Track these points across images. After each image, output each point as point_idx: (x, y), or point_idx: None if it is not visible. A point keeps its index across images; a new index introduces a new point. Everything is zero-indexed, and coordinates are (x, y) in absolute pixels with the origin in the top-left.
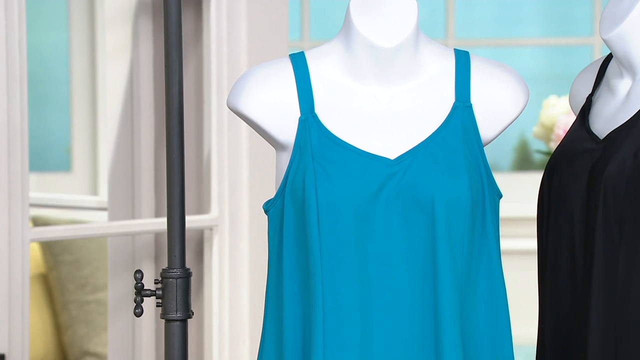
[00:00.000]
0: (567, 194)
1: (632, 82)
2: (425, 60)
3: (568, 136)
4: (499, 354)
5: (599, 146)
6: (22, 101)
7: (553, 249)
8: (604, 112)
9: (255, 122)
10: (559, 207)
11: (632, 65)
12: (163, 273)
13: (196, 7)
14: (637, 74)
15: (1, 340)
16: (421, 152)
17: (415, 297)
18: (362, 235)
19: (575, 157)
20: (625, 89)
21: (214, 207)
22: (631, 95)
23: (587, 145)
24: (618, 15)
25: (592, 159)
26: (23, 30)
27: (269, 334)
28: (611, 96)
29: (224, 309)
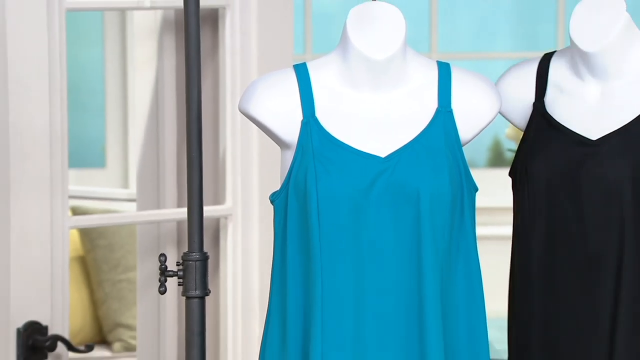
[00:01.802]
0: (554, 185)
1: (600, 87)
2: (411, 70)
3: (539, 134)
4: (474, 325)
5: (594, 148)
6: (62, 107)
7: (530, 228)
8: (575, 114)
9: (263, 124)
10: (548, 196)
11: (607, 74)
12: (184, 256)
13: (213, 25)
14: (610, 80)
15: (45, 314)
16: (408, 151)
17: (402, 277)
18: (356, 224)
19: (561, 153)
20: (595, 94)
21: (229, 198)
22: (609, 99)
23: (572, 144)
24: (601, 29)
25: (585, 157)
26: (63, 45)
27: (274, 309)
28: (576, 100)
29: (237, 287)
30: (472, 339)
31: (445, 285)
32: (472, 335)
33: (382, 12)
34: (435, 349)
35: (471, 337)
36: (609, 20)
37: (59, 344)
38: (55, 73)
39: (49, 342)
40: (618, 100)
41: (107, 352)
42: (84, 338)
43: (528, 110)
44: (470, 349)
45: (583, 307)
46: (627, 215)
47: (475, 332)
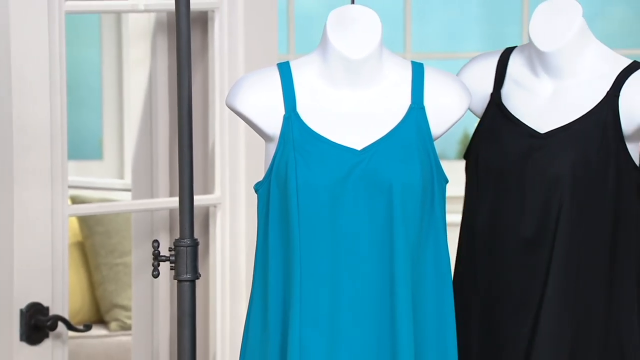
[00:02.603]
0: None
1: (553, 84)
2: (387, 69)
3: (493, 123)
4: (442, 308)
5: (542, 141)
6: (61, 103)
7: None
8: (528, 108)
9: (248, 118)
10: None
11: (561, 73)
12: (176, 242)
13: (203, 27)
14: (563, 79)
15: (45, 296)
16: (382, 145)
17: (375, 262)
18: (333, 212)
19: (510, 143)
20: (548, 90)
21: (217, 188)
22: (561, 96)
23: (522, 135)
24: (558, 31)
25: (533, 149)
26: (63, 46)
27: (256, 291)
28: (529, 94)
29: (225, 271)
30: (440, 321)
31: (416, 268)
32: (441, 317)
33: (360, 14)
34: (404, 330)
35: (439, 319)
36: (566, 23)
37: (59, 324)
38: (56, 72)
39: (50, 322)
40: (569, 98)
41: (104, 331)
42: (83, 318)
43: (486, 100)
44: (438, 331)
45: (519, 283)
46: (564, 206)
47: (444, 314)
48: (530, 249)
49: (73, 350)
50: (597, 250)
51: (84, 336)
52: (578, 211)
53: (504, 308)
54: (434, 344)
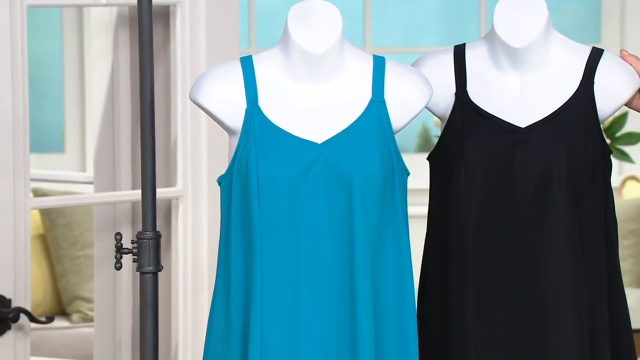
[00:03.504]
0: (489, 169)
1: (520, 78)
2: (348, 63)
3: (468, 121)
4: (402, 296)
5: (524, 135)
6: (24, 96)
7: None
8: (499, 104)
9: (210, 112)
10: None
11: (530, 67)
12: (138, 235)
13: (164, 21)
14: (531, 72)
15: (8, 288)
16: (343, 138)
17: (335, 254)
18: (294, 204)
19: (494, 140)
20: (515, 85)
21: (179, 181)
22: (531, 90)
23: (504, 131)
24: (527, 26)
25: (516, 144)
26: (24, 40)
27: (219, 284)
28: (498, 90)
29: (187, 263)
30: (400, 313)
31: (376, 260)
32: (401, 308)
33: (321, 9)
34: (364, 321)
35: (400, 311)
36: (532, 17)
37: (21, 316)
38: (17, 65)
39: (12, 314)
40: (541, 90)
41: (66, 322)
42: (45, 310)
43: (447, 98)
44: (398, 322)
45: (513, 277)
46: (558, 197)
47: (404, 306)
48: (524, 243)
49: (35, 342)
50: (596, 236)
51: (46, 328)
52: (572, 201)
53: (498, 302)
54: (394, 336)
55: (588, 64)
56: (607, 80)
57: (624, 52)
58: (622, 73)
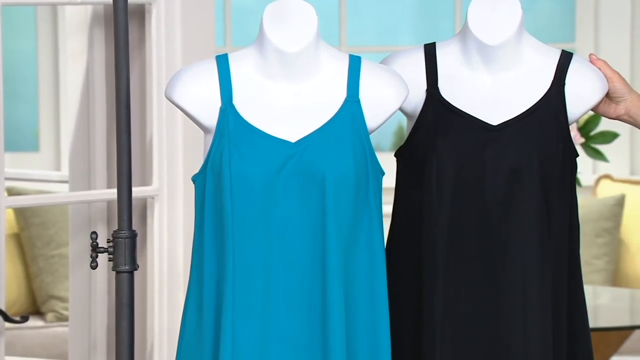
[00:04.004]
0: (461, 166)
1: (492, 77)
2: (323, 62)
3: (439, 118)
4: (374, 296)
5: (496, 133)
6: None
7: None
8: (471, 102)
9: (185, 110)
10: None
11: (502, 65)
12: (114, 234)
13: (140, 19)
14: (503, 71)
15: None
16: (316, 137)
17: (307, 253)
18: (266, 203)
19: (466, 136)
20: (487, 83)
21: (155, 180)
22: (503, 88)
23: (475, 128)
24: (502, 24)
25: (488, 141)
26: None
27: (193, 282)
28: (469, 88)
29: (163, 262)
30: (372, 313)
31: (348, 260)
32: (373, 308)
33: (296, 8)
34: (336, 321)
35: (372, 311)
36: (506, 16)
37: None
38: None
39: None
40: (512, 89)
41: (40, 322)
42: (19, 309)
43: (418, 96)
44: (370, 322)
45: (484, 273)
46: (528, 196)
47: (376, 306)
48: (494, 240)
49: (9, 341)
50: (561, 236)
51: (20, 327)
52: (542, 199)
53: (468, 296)
54: (366, 335)
55: (559, 66)
56: (578, 83)
57: (592, 56)
58: (592, 77)
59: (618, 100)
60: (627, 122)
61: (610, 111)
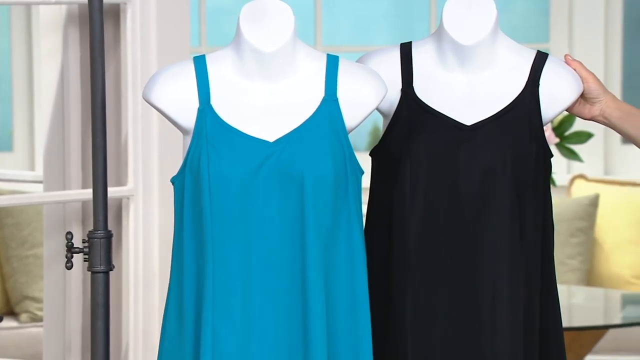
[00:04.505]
0: (434, 165)
1: (467, 77)
2: (300, 61)
3: (414, 117)
4: (354, 296)
5: (469, 133)
6: None
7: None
8: (446, 102)
9: (163, 111)
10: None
11: (477, 65)
12: (89, 234)
13: (115, 19)
14: (478, 71)
15: None
16: (295, 137)
17: (287, 253)
18: (245, 203)
19: (440, 136)
20: (462, 83)
21: (130, 180)
22: (477, 88)
23: (449, 128)
24: (477, 24)
25: (461, 141)
26: None
27: (173, 283)
28: (444, 88)
29: (138, 262)
30: (353, 312)
31: (328, 259)
32: (354, 308)
33: (273, 7)
34: (317, 321)
35: (352, 310)
36: (481, 16)
37: None
38: None
39: None
40: (487, 89)
41: (14, 322)
42: None
43: (393, 95)
44: (351, 322)
45: (457, 273)
46: (501, 196)
47: (357, 305)
48: (466, 239)
49: None
50: (534, 235)
51: None
52: (515, 199)
53: (439, 296)
54: (347, 334)
55: (533, 66)
56: (553, 83)
57: (567, 57)
58: (567, 77)
59: (593, 101)
60: (602, 123)
61: (585, 112)
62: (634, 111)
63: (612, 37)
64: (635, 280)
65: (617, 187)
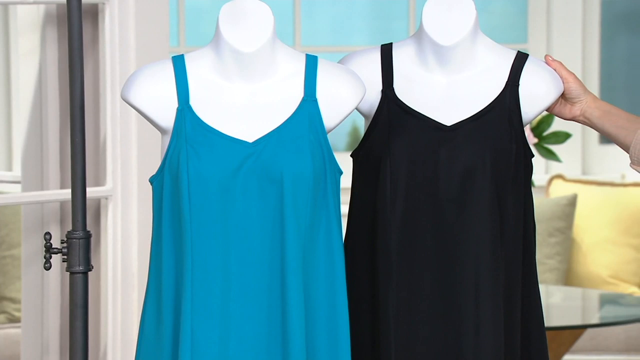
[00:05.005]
0: (414, 166)
1: (446, 77)
2: (280, 62)
3: (394, 118)
4: (333, 295)
5: (449, 133)
6: None
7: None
8: (426, 102)
9: (142, 111)
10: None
11: (457, 66)
12: (68, 234)
13: (93, 19)
14: (457, 72)
15: None
16: (274, 137)
17: (266, 253)
18: (224, 203)
19: (419, 137)
20: (442, 83)
21: (109, 180)
22: (457, 89)
23: (429, 129)
24: (457, 24)
25: (441, 142)
26: None
27: (151, 283)
28: (424, 89)
29: (117, 262)
30: (332, 311)
31: (307, 259)
32: (332, 307)
33: (252, 8)
34: (295, 320)
35: (331, 310)
36: (461, 16)
37: None
38: None
39: None
40: (467, 89)
41: None
42: None
43: (374, 96)
44: (329, 321)
45: (437, 274)
46: (481, 197)
47: (336, 305)
48: (446, 239)
49: None
50: (514, 235)
51: None
52: (495, 199)
53: (421, 295)
54: (325, 334)
55: (513, 67)
56: (532, 83)
57: (548, 57)
58: (546, 77)
59: (573, 101)
60: (583, 123)
61: (566, 112)
62: (615, 110)
63: (590, 38)
64: (612, 280)
65: (595, 187)
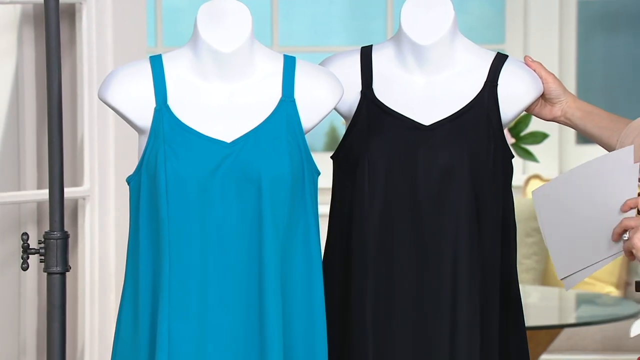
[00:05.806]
0: (393, 166)
1: (425, 78)
2: (258, 62)
3: (373, 119)
4: (311, 296)
5: (428, 133)
6: None
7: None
8: (405, 102)
9: (119, 111)
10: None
11: (436, 66)
12: (46, 235)
13: (70, 19)
14: (436, 72)
15: None
16: (252, 137)
17: (244, 253)
18: (202, 203)
19: (398, 137)
20: (421, 84)
21: (87, 180)
22: (436, 89)
23: (408, 128)
24: (435, 24)
25: (420, 141)
26: None
27: (128, 284)
28: (403, 89)
29: (94, 263)
30: (309, 312)
31: (285, 260)
32: (310, 308)
33: (230, 8)
34: (273, 321)
35: (309, 310)
36: (439, 17)
37: None
38: None
39: None
40: (445, 90)
41: None
42: None
43: (353, 96)
44: (307, 321)
45: (414, 275)
46: (459, 196)
47: (313, 305)
48: (424, 239)
49: None
50: (492, 235)
51: None
52: (473, 198)
53: (398, 295)
54: (303, 335)
55: (492, 67)
56: (511, 83)
57: (527, 58)
58: (525, 77)
59: (554, 102)
60: (564, 124)
61: (546, 113)
62: (596, 110)
63: (567, 39)
64: (589, 280)
65: None
